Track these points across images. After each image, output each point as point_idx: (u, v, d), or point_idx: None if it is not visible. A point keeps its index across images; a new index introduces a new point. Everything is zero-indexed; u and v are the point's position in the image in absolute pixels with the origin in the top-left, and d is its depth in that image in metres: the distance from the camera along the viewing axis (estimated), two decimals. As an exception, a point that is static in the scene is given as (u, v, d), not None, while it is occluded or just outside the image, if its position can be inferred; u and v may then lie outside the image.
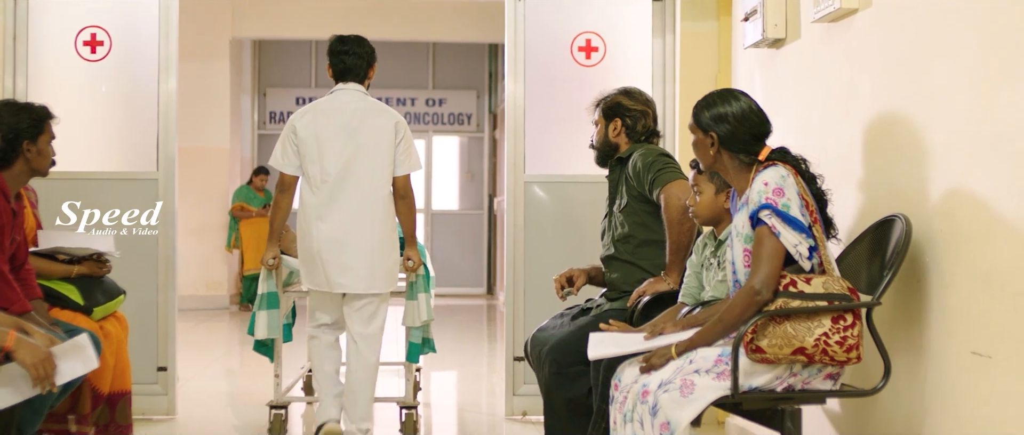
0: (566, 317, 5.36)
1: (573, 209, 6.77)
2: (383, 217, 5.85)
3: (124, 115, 6.84)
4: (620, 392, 4.07)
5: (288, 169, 5.91)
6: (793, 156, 4.02)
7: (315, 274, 5.86)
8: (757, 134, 4.05)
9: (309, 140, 5.83)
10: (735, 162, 4.08)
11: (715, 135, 4.06)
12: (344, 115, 5.85)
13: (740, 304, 3.86)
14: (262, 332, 6.16)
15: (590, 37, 6.87)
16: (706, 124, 4.09)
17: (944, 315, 3.78)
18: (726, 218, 4.59)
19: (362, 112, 5.86)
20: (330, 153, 5.80)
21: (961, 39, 3.74)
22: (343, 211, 5.80)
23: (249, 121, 16.18)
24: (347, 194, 5.80)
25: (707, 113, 4.09)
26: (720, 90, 4.20)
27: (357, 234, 5.81)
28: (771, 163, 3.97)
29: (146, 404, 6.66)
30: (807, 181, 3.98)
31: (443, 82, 17.20)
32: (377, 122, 5.85)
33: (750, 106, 4.07)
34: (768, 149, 4.03)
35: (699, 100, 4.18)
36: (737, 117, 4.03)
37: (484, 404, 7.94)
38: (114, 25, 6.76)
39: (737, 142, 4.04)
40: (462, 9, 14.40)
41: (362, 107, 5.87)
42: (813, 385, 3.87)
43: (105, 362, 5.29)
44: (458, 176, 17.45)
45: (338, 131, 5.82)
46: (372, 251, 5.82)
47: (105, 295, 5.51)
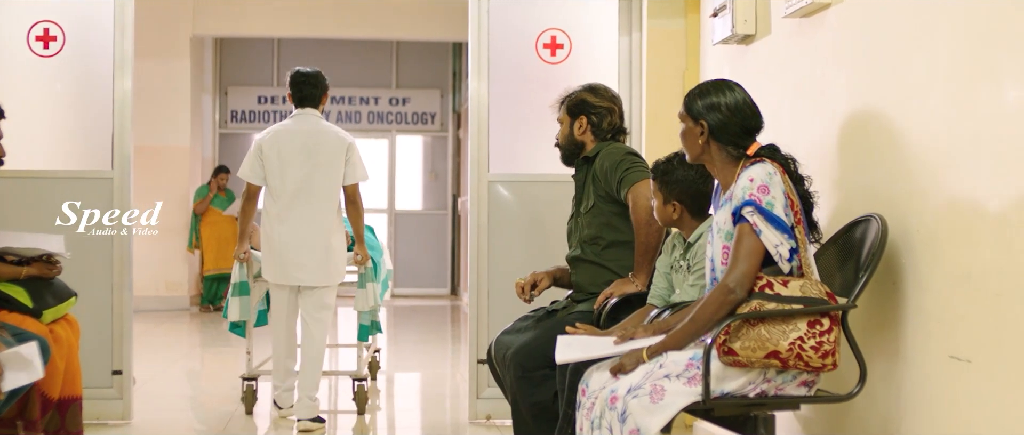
0: (531, 319, 5.27)
1: (538, 209, 6.68)
2: (332, 222, 6.82)
3: (78, 112, 6.70)
4: (588, 397, 3.97)
5: (254, 180, 6.83)
6: (782, 154, 3.94)
7: (275, 269, 6.79)
8: (748, 127, 3.97)
9: (272, 157, 6.75)
10: (723, 154, 3.99)
11: (706, 124, 3.98)
12: (302, 137, 6.79)
13: (713, 302, 3.77)
14: (235, 315, 7.08)
15: (556, 34, 6.77)
16: (697, 112, 4.00)
17: (921, 318, 3.70)
18: (686, 224, 4.57)
19: (318, 134, 6.83)
20: (291, 169, 6.73)
21: (938, 34, 3.66)
22: (300, 217, 6.74)
23: (210, 120, 16.03)
24: (303, 203, 6.74)
25: (700, 101, 4.01)
26: (715, 80, 4.13)
27: (311, 236, 6.74)
28: (759, 159, 3.88)
29: (101, 409, 6.52)
30: (795, 182, 3.90)
31: (406, 81, 17.09)
32: (330, 143, 6.84)
33: (744, 99, 4.00)
34: (757, 145, 3.95)
35: (692, 88, 4.11)
36: (730, 108, 3.95)
37: (448, 407, 7.83)
38: (67, 20, 6.61)
39: (727, 133, 3.95)
40: (426, 7, 14.31)
41: (318, 129, 6.85)
42: (787, 391, 3.78)
43: (55, 366, 5.16)
44: (422, 176, 17.36)
45: (297, 150, 6.75)
46: (323, 250, 6.76)
47: (55, 297, 5.38)
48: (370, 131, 16.95)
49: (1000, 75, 3.28)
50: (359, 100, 16.81)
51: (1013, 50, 3.22)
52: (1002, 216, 3.25)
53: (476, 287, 6.71)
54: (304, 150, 6.74)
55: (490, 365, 5.33)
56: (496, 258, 6.68)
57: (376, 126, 16.94)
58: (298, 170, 6.72)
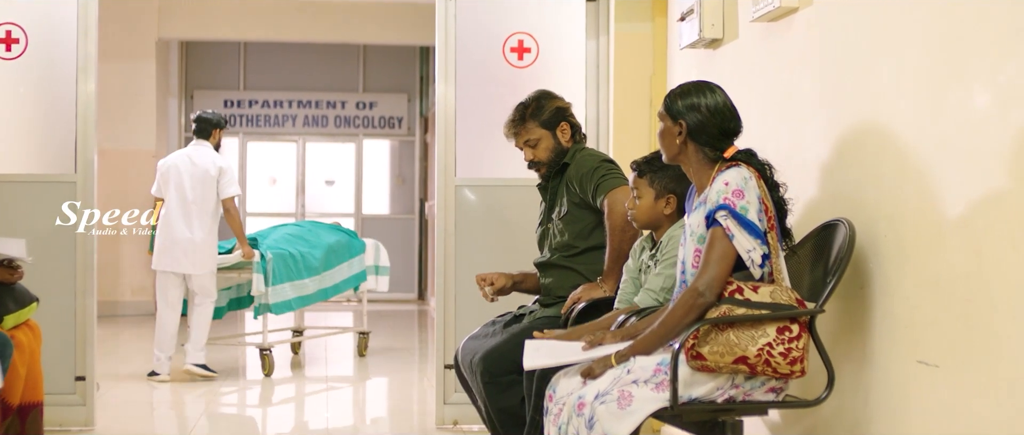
0: (498, 324, 5.24)
1: (505, 212, 6.65)
2: (210, 225, 8.81)
3: (41, 115, 6.61)
4: (555, 404, 3.95)
5: (159, 194, 8.89)
6: (759, 160, 3.92)
7: (168, 261, 8.75)
8: (726, 130, 3.95)
9: (169, 175, 8.83)
10: (700, 155, 3.97)
11: (684, 124, 3.96)
12: (193, 161, 8.85)
13: (682, 306, 3.75)
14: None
15: (523, 38, 6.74)
16: (677, 112, 3.98)
17: (889, 323, 3.69)
18: (665, 224, 4.53)
19: (203, 159, 8.86)
20: (183, 184, 8.77)
21: (907, 38, 3.65)
22: (188, 221, 8.73)
23: (176, 124, 15.90)
24: (189, 210, 8.74)
25: (680, 101, 3.99)
26: (697, 81, 4.10)
27: (195, 236, 8.72)
28: (735, 163, 3.87)
29: (63, 415, 6.43)
30: (770, 188, 3.88)
31: (373, 85, 17.02)
32: (209, 167, 8.81)
33: (724, 101, 3.98)
34: (735, 148, 3.94)
35: (674, 88, 4.09)
36: (710, 109, 3.94)
37: (415, 413, 7.79)
38: (30, 22, 6.52)
39: (705, 134, 3.94)
40: (393, 11, 14.25)
41: (204, 154, 8.88)
42: (755, 397, 3.76)
43: (16, 373, 5.11)
44: (389, 180, 17.28)
45: (185, 171, 8.81)
46: (202, 246, 8.75)
47: (16, 303, 5.32)
48: (337, 135, 16.88)
49: (968, 80, 3.27)
50: (326, 104, 16.73)
51: (981, 55, 3.21)
52: (970, 221, 3.24)
53: (443, 291, 6.67)
54: (190, 172, 8.84)
55: (457, 370, 5.29)
56: (463, 262, 6.64)
57: (343, 130, 16.87)
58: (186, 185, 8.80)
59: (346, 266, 10.02)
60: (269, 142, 16.84)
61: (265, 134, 16.69)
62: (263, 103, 16.72)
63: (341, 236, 10.20)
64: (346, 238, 10.25)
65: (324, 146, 17.07)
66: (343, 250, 10.04)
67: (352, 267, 10.11)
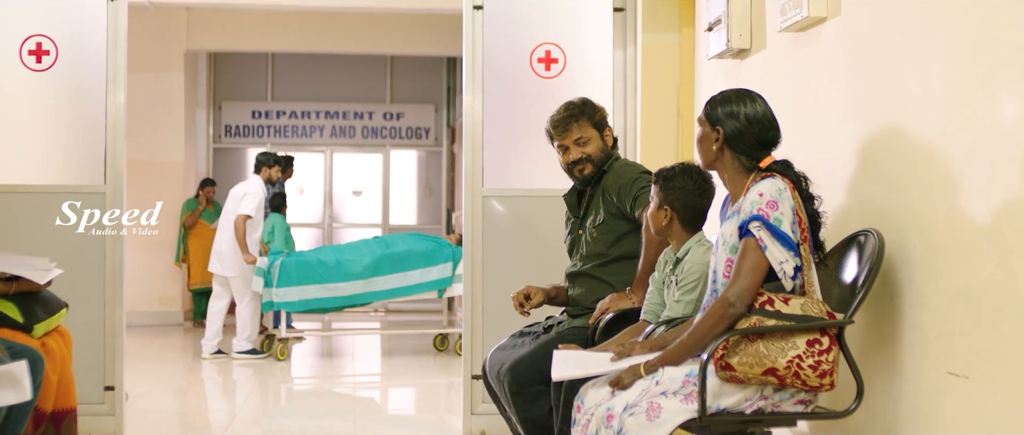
0: (527, 336, 5.22)
1: (532, 224, 6.64)
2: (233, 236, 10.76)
3: (71, 127, 6.66)
4: (583, 414, 3.93)
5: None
6: (795, 171, 3.90)
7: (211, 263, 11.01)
8: (764, 140, 3.94)
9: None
10: (735, 163, 3.96)
11: (722, 130, 3.95)
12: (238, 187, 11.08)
13: (712, 315, 3.74)
14: None
15: (550, 48, 6.74)
16: (716, 118, 3.97)
17: (919, 334, 3.67)
18: (673, 235, 4.54)
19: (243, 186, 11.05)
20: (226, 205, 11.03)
21: (935, 47, 3.63)
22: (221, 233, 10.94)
23: (204, 134, 15.97)
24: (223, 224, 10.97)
25: (720, 108, 3.98)
26: (738, 88, 4.09)
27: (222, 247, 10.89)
28: (770, 174, 3.86)
29: (92, 425, 6.47)
30: (805, 200, 3.86)
31: (401, 96, 17.05)
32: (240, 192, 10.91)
33: (764, 111, 3.97)
34: (771, 159, 3.92)
35: (715, 94, 4.07)
36: (749, 117, 3.93)
37: (442, 422, 7.78)
38: (60, 34, 6.58)
39: (742, 142, 3.93)
40: (420, 22, 14.27)
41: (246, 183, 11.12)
42: (784, 408, 3.74)
43: (48, 379, 5.13)
44: (416, 191, 17.30)
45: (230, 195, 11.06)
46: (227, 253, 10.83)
47: (45, 310, 5.35)
48: (364, 146, 16.91)
49: (997, 88, 3.25)
50: (353, 115, 16.76)
51: (1010, 62, 3.19)
52: (1000, 230, 3.22)
53: (470, 302, 6.67)
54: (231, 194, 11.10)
55: (484, 381, 5.29)
56: (490, 273, 6.64)
57: (370, 141, 16.90)
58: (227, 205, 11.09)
59: (418, 273, 11.04)
60: (297, 152, 16.81)
61: (293, 145, 16.72)
62: (291, 113, 16.76)
63: (418, 244, 11.24)
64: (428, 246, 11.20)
65: (351, 156, 17.11)
66: (416, 258, 11.06)
67: (428, 274, 11.09)
